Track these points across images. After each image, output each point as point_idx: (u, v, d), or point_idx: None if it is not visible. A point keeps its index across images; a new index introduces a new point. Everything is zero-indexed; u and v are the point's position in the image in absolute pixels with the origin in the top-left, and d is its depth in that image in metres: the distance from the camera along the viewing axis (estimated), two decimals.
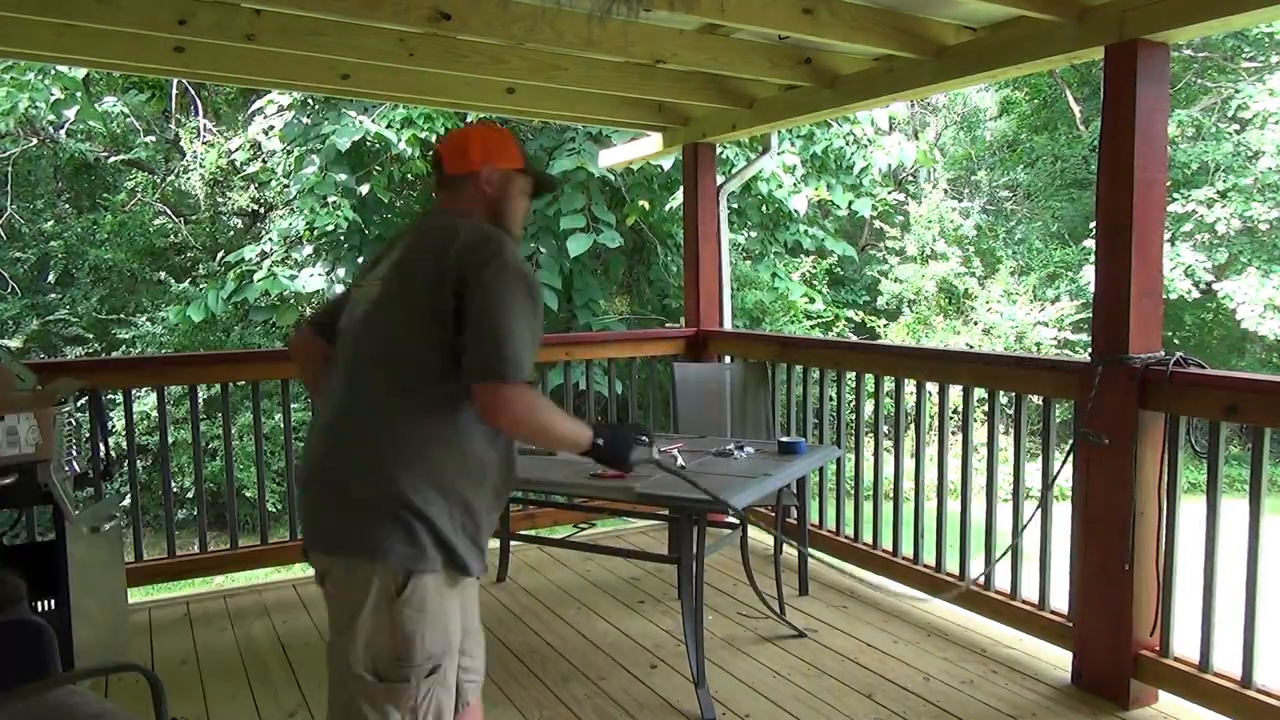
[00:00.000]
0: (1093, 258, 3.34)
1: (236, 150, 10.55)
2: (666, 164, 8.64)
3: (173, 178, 11.52)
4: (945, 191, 14.50)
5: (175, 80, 10.40)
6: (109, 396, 4.63)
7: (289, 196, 10.20)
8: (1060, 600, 3.15)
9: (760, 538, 4.45)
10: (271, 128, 9.71)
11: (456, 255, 1.77)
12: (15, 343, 10.24)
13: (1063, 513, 3.11)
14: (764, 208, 10.14)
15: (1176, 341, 12.98)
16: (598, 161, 7.86)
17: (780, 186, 9.48)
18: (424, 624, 1.72)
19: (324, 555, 1.80)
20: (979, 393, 3.59)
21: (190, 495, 8.46)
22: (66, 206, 11.92)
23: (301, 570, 4.51)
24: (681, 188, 6.30)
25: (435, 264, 1.78)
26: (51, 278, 11.28)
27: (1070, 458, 3.01)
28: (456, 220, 1.88)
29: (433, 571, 1.73)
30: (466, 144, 1.96)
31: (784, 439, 3.31)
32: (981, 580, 3.40)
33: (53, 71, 8.54)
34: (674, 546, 3.74)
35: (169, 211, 11.46)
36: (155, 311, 10.69)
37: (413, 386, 1.78)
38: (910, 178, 14.48)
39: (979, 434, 5.83)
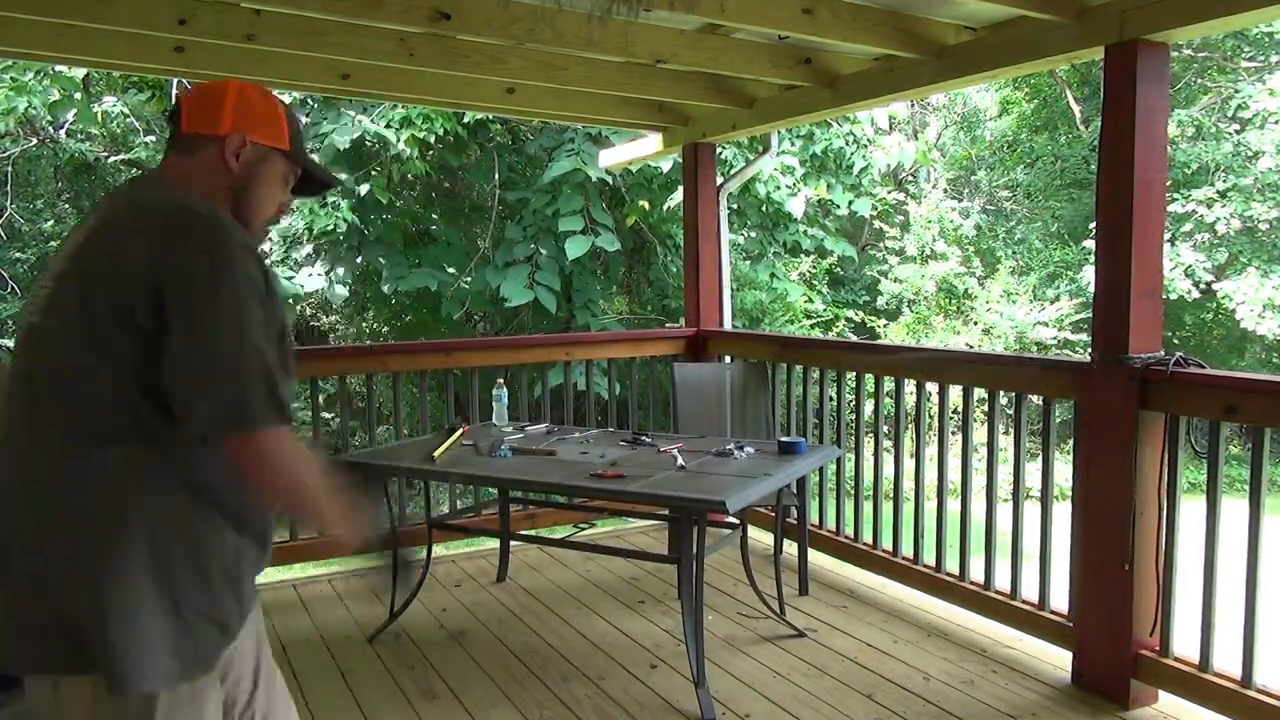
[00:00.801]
0: (1093, 258, 3.35)
1: None
2: (666, 166, 8.63)
3: None
4: (945, 191, 14.50)
5: (175, 80, 10.39)
6: None
7: None
8: (1060, 600, 3.15)
9: (760, 538, 4.45)
10: None
11: (155, 242, 1.33)
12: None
13: (1063, 513, 3.11)
14: (763, 208, 10.14)
15: (1176, 341, 12.99)
16: (597, 162, 7.86)
17: (779, 188, 9.48)
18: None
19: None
20: (979, 393, 3.59)
21: None
22: (66, 206, 11.91)
23: (301, 570, 4.52)
24: (681, 188, 6.30)
25: (121, 254, 1.34)
26: None
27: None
28: (162, 193, 1.44)
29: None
30: (220, 99, 1.49)
31: (784, 439, 3.31)
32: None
33: (51, 72, 8.53)
34: (674, 546, 3.74)
35: None
36: None
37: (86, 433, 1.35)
38: (910, 178, 14.48)
39: (979, 434, 5.84)
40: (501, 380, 4.03)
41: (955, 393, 4.03)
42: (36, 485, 1.36)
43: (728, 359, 4.77)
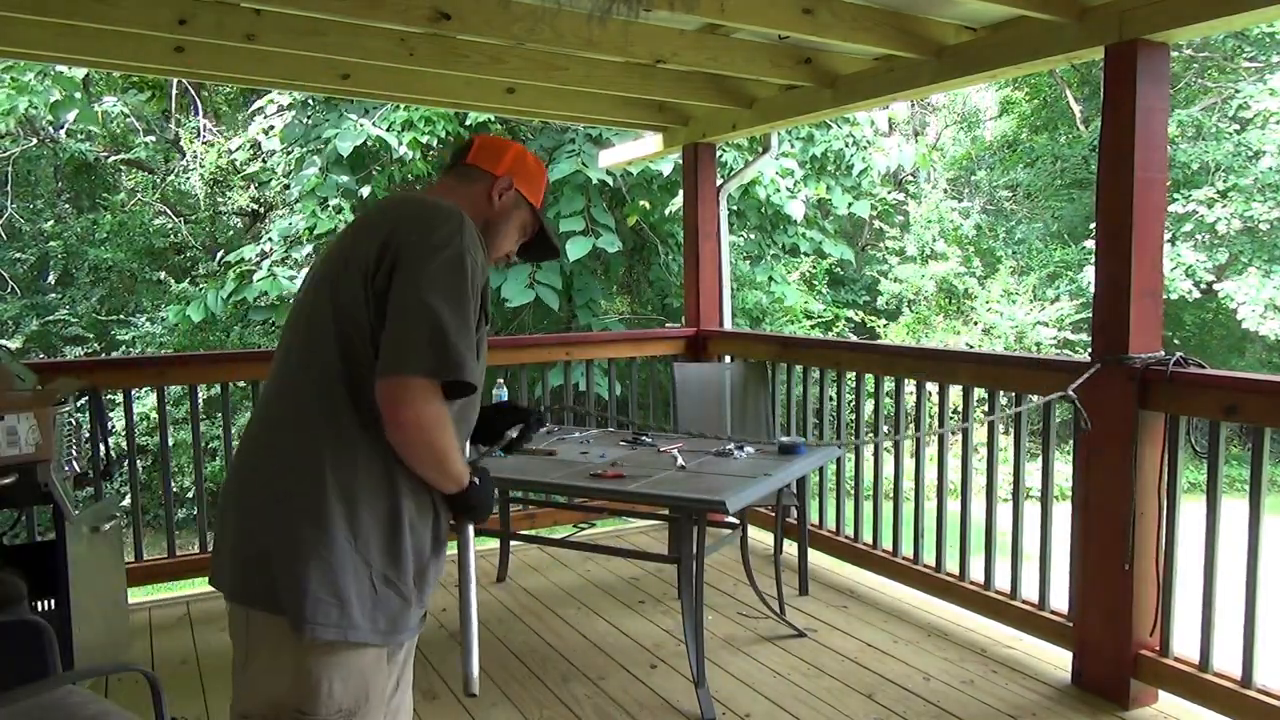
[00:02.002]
0: (1093, 258, 3.34)
1: (236, 150, 10.55)
2: (666, 168, 8.63)
3: (172, 178, 11.52)
4: (945, 191, 14.51)
5: (175, 80, 10.40)
6: (109, 396, 4.64)
7: (289, 197, 10.21)
8: (1060, 600, 3.15)
9: (760, 538, 4.45)
10: (271, 128, 9.71)
11: (398, 227, 1.52)
12: (15, 343, 10.24)
13: (1063, 513, 3.11)
14: (762, 210, 10.14)
15: (1176, 341, 12.98)
16: (598, 163, 7.86)
17: (778, 191, 9.49)
18: (334, 670, 1.49)
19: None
20: (979, 393, 3.59)
21: (190, 495, 8.47)
22: (66, 206, 11.91)
23: None
24: (681, 191, 6.30)
25: (375, 238, 1.53)
26: (51, 278, 11.28)
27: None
28: (425, 196, 1.66)
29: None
30: (506, 150, 1.77)
31: (784, 439, 3.31)
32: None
33: (52, 73, 8.54)
34: (674, 546, 3.74)
35: (169, 211, 11.46)
36: (155, 311, 10.70)
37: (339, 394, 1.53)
38: (910, 178, 14.48)
39: (979, 434, 5.84)
40: (501, 380, 4.03)
41: (955, 393, 4.03)
42: (278, 438, 1.55)
43: (728, 359, 4.78)
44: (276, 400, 1.59)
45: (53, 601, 2.87)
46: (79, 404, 3.16)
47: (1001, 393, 3.51)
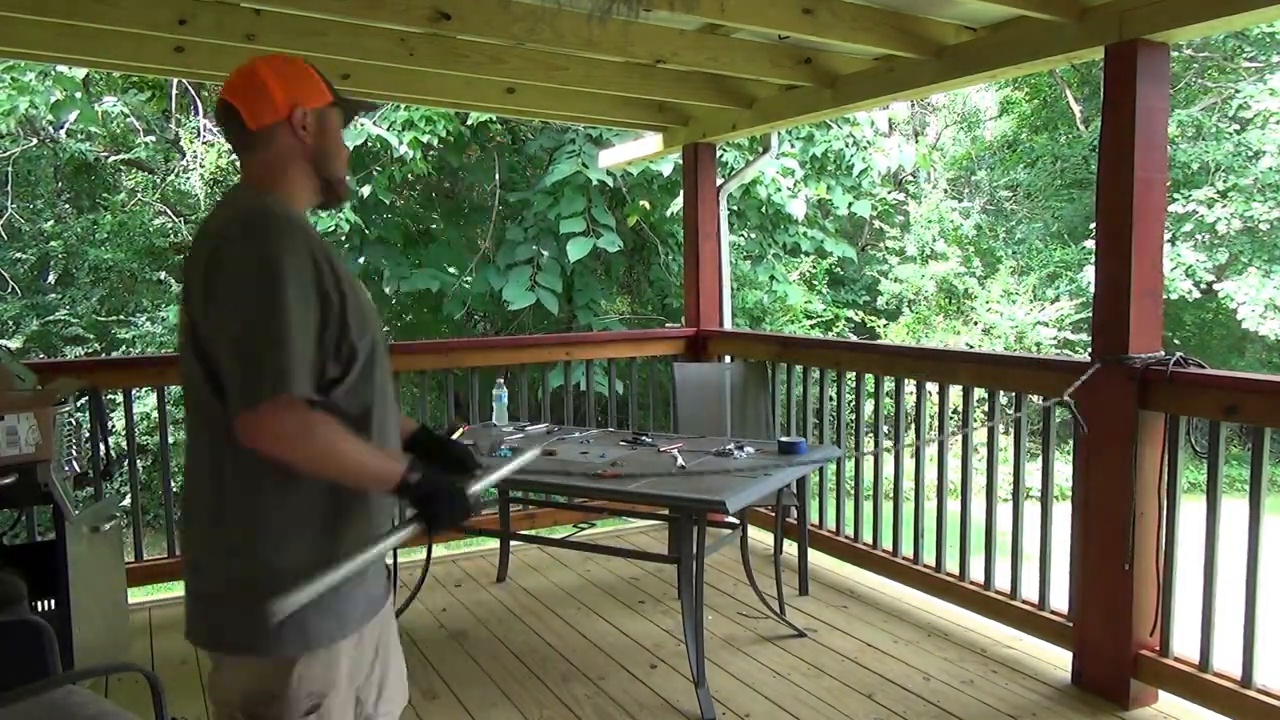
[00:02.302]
0: (1093, 258, 3.34)
1: None
2: (666, 169, 8.63)
3: (173, 178, 11.51)
4: (945, 191, 14.51)
5: (175, 80, 10.39)
6: (109, 396, 4.64)
7: None
8: (1060, 600, 3.15)
9: (760, 538, 4.45)
10: None
11: (206, 254, 1.45)
12: (15, 343, 10.23)
13: (1063, 513, 3.11)
14: (763, 209, 10.14)
15: (1177, 341, 12.98)
16: (598, 163, 7.86)
17: (779, 190, 9.48)
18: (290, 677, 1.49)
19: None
20: (979, 393, 3.59)
21: None
22: (66, 206, 11.90)
23: None
24: (681, 191, 6.30)
25: (198, 270, 1.46)
26: (51, 278, 11.27)
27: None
28: (230, 203, 1.56)
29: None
30: (262, 87, 1.54)
31: (784, 439, 3.31)
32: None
33: (53, 73, 8.54)
34: (674, 546, 3.74)
35: (169, 211, 11.45)
36: (155, 311, 10.69)
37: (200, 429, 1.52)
38: (910, 178, 14.48)
39: (979, 434, 5.84)
40: (501, 380, 4.03)
41: (955, 393, 4.03)
42: (190, 472, 1.56)
43: (728, 359, 4.77)
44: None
45: (53, 601, 2.88)
46: (79, 404, 3.16)
47: (1002, 393, 3.51)
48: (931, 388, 3.79)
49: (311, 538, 1.51)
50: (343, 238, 9.39)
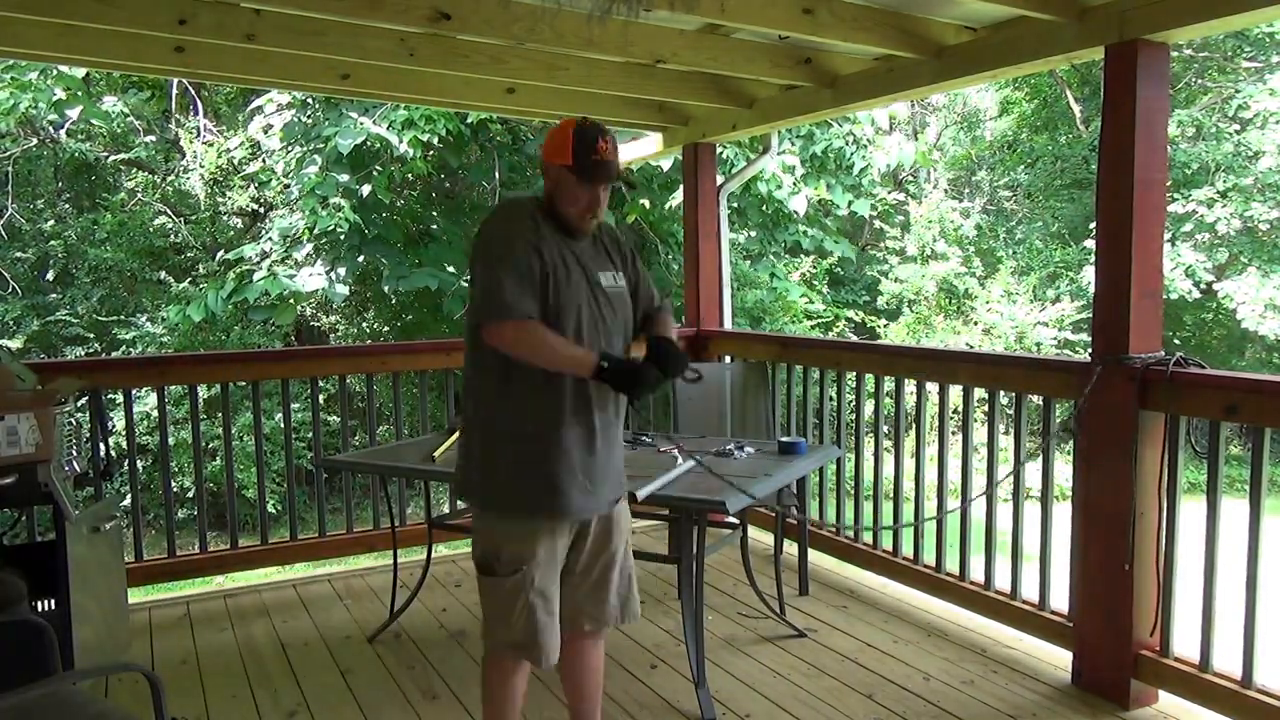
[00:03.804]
0: (1093, 258, 3.35)
1: (236, 150, 10.55)
2: (666, 164, 8.63)
3: (173, 178, 11.51)
4: (945, 191, 14.52)
5: (175, 80, 10.40)
6: (109, 396, 4.64)
7: (289, 196, 10.20)
8: (1060, 600, 3.15)
9: (760, 538, 4.45)
10: (270, 126, 9.71)
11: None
12: (15, 343, 10.22)
13: (1063, 513, 3.11)
14: (764, 208, 10.14)
15: (1177, 341, 12.99)
16: None
17: (780, 187, 9.48)
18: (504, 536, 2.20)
19: None
20: (979, 393, 3.59)
21: (190, 495, 8.46)
22: (66, 206, 11.90)
23: (302, 570, 4.51)
24: (681, 187, 6.30)
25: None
26: (51, 278, 11.27)
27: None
28: (507, 198, 2.30)
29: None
30: (549, 140, 2.24)
31: (784, 439, 3.31)
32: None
33: (55, 71, 8.54)
34: (674, 546, 3.74)
35: (169, 211, 11.44)
36: (155, 311, 10.68)
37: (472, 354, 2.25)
38: (910, 178, 14.48)
39: (979, 434, 5.83)
40: None
41: (955, 393, 4.04)
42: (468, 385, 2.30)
43: (728, 359, 4.77)
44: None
45: (53, 601, 2.88)
46: (79, 404, 3.16)
47: (1002, 393, 3.51)
48: (931, 388, 3.79)
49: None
50: (342, 236, 9.39)
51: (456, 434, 3.54)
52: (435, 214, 10.87)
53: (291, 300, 9.64)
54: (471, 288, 2.18)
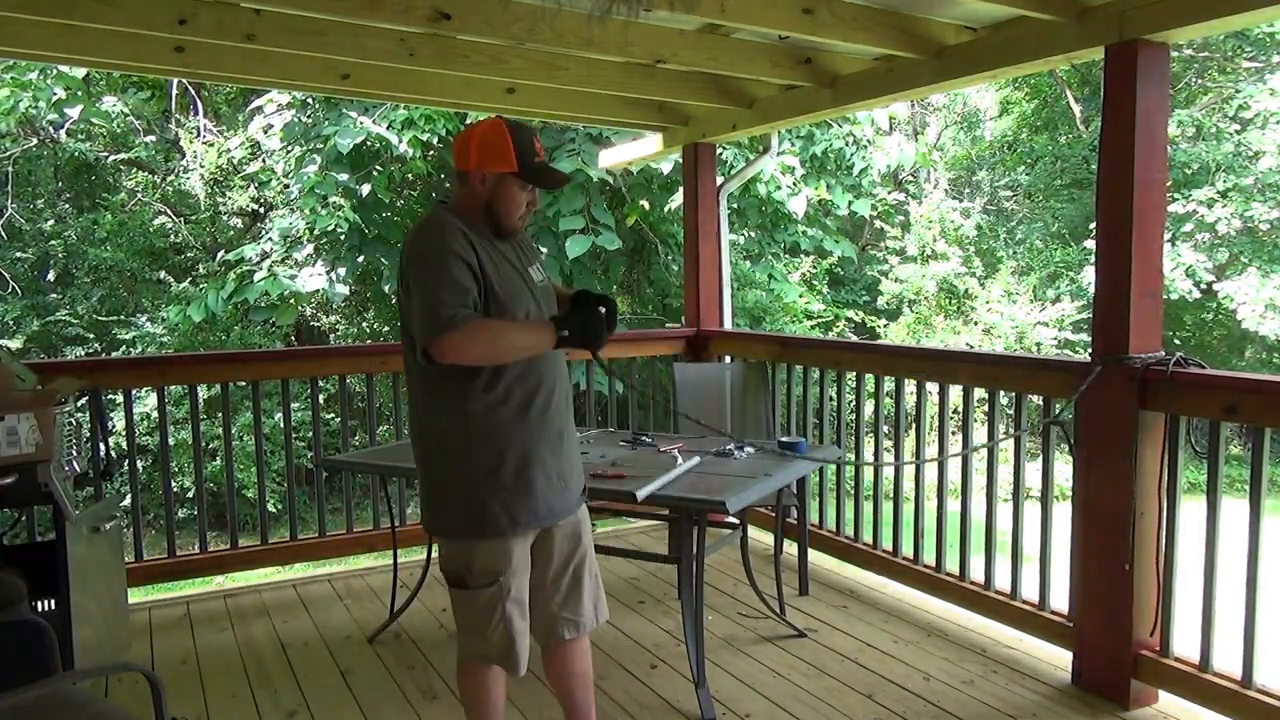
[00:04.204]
0: (1093, 258, 3.35)
1: (236, 150, 10.55)
2: (666, 167, 8.63)
3: (173, 178, 11.51)
4: (946, 191, 14.51)
5: (175, 80, 10.40)
6: (109, 396, 4.63)
7: (290, 196, 10.20)
8: (1060, 600, 3.15)
9: (760, 538, 4.45)
10: (270, 126, 9.71)
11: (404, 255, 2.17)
12: (15, 343, 10.23)
13: (1063, 513, 3.11)
14: (763, 208, 10.14)
15: (1177, 341, 12.99)
16: (597, 162, 7.86)
17: (779, 188, 9.48)
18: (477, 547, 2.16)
19: None
20: (979, 393, 3.59)
21: (190, 495, 8.46)
22: (66, 206, 11.90)
23: (302, 570, 4.51)
24: (681, 188, 6.30)
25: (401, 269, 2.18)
26: (51, 278, 11.27)
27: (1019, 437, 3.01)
28: (424, 216, 2.20)
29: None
30: (467, 145, 2.15)
31: (784, 439, 3.31)
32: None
33: (55, 71, 8.54)
34: (674, 546, 3.74)
35: (169, 211, 11.45)
36: (155, 311, 10.69)
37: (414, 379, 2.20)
38: (910, 178, 14.48)
39: (979, 434, 5.84)
40: None
41: (955, 393, 4.03)
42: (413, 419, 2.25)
43: (728, 359, 4.77)
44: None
45: (53, 601, 2.87)
46: (79, 404, 3.16)
47: (1002, 393, 3.51)
48: (931, 388, 3.79)
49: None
50: (342, 236, 9.40)
51: None
52: None
53: (292, 300, 9.64)
54: (407, 316, 2.12)
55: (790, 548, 4.03)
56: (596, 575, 2.39)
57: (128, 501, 4.23)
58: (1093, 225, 3.19)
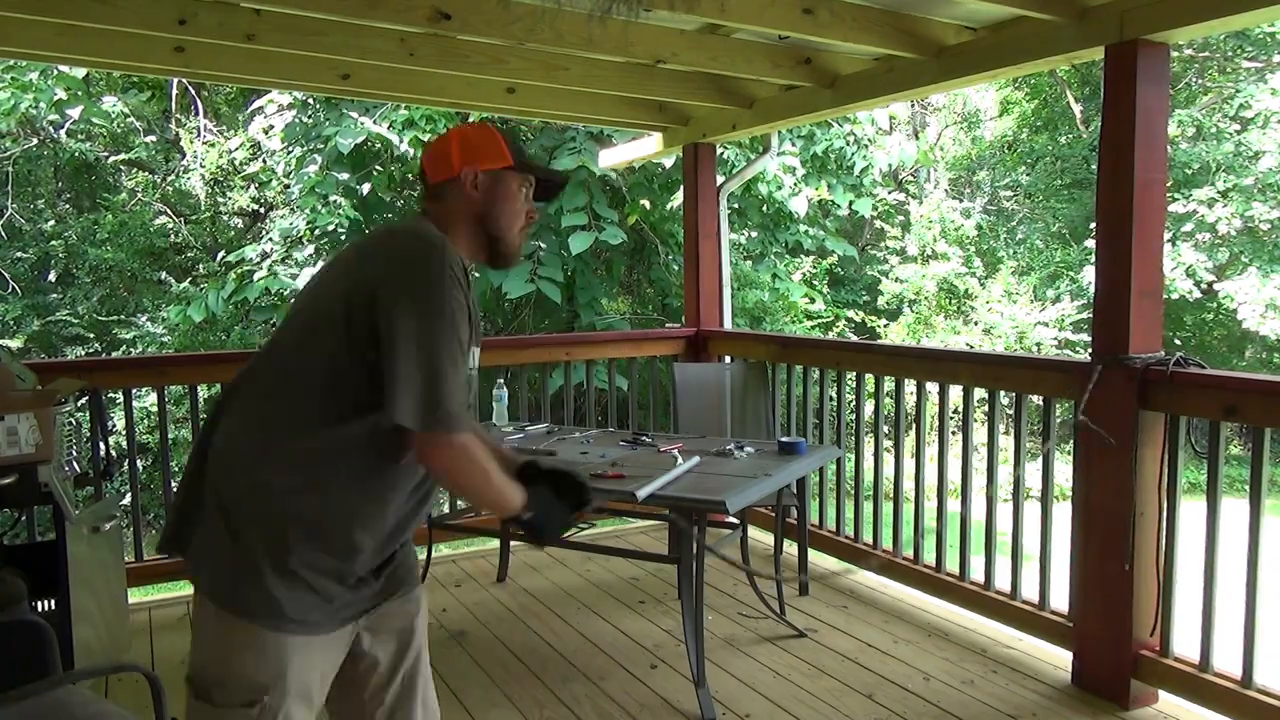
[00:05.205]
0: (1093, 258, 3.35)
1: (236, 150, 10.55)
2: (668, 162, 8.64)
3: (173, 178, 11.52)
4: (946, 191, 14.51)
5: (175, 80, 10.40)
6: (109, 396, 4.63)
7: (290, 196, 10.21)
8: (1060, 600, 3.15)
9: (760, 538, 4.45)
10: (271, 127, 9.72)
11: (383, 267, 1.55)
12: (15, 343, 10.23)
13: (1063, 513, 3.11)
14: (764, 208, 10.13)
15: (1177, 341, 12.98)
16: (598, 161, 7.87)
17: (780, 187, 9.48)
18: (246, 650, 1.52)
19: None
20: (979, 393, 3.59)
21: None
22: (67, 206, 11.91)
23: None
24: (681, 187, 6.30)
25: (354, 274, 1.59)
26: (52, 278, 11.28)
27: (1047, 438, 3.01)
28: (412, 223, 1.69)
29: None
30: (446, 148, 1.73)
31: (784, 439, 3.31)
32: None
33: (55, 71, 8.54)
34: (674, 546, 3.74)
35: (169, 211, 11.46)
36: (155, 311, 10.69)
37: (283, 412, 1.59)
38: (911, 178, 14.48)
39: (979, 434, 5.84)
40: (501, 380, 4.03)
41: (955, 393, 4.03)
42: (238, 444, 1.59)
43: (728, 359, 4.77)
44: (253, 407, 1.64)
45: (53, 601, 2.88)
46: (79, 404, 3.16)
47: (1002, 393, 3.51)
48: (931, 388, 3.79)
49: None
50: (343, 236, 9.40)
51: None
52: None
53: (292, 300, 9.65)
54: (347, 320, 1.54)
55: (790, 548, 4.03)
56: (429, 676, 1.82)
57: (128, 501, 4.23)
58: (1093, 225, 3.19)
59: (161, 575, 4.09)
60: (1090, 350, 2.95)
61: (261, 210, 11.27)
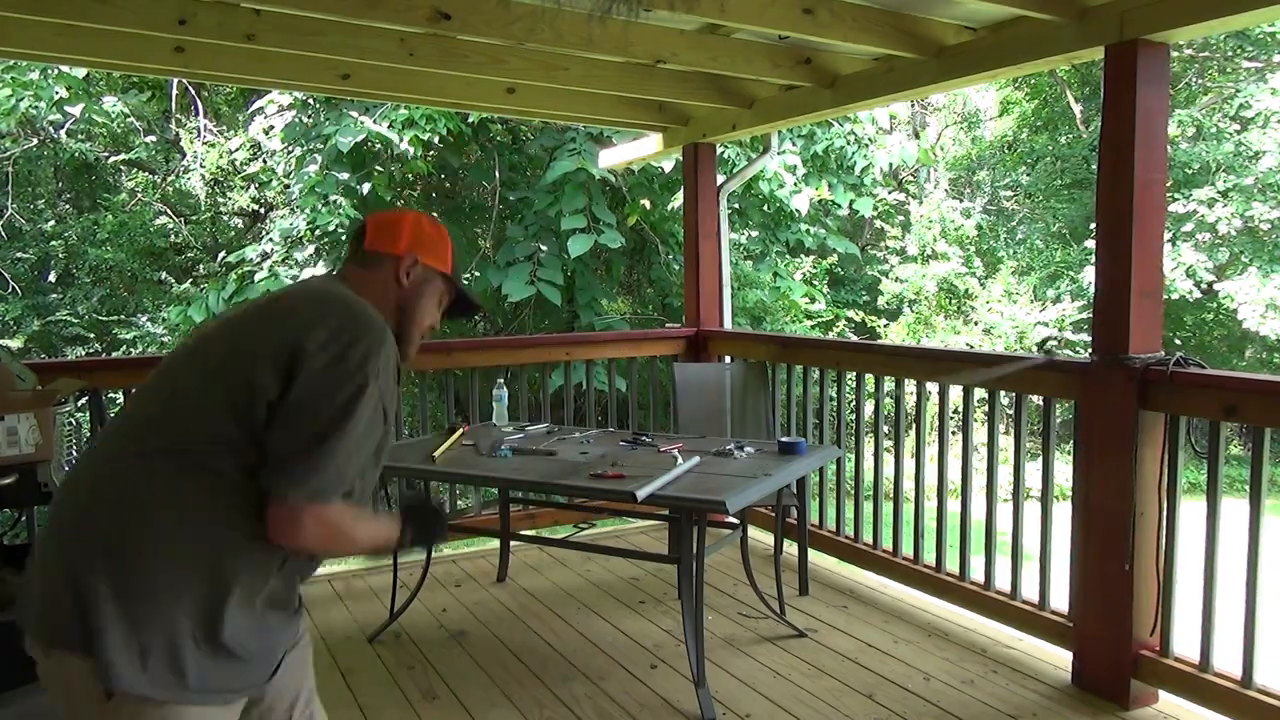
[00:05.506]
0: (1093, 258, 3.35)
1: (237, 150, 10.56)
2: (668, 165, 8.64)
3: (173, 178, 11.52)
4: (946, 191, 14.51)
5: (175, 80, 10.40)
6: (109, 396, 4.63)
7: (290, 196, 10.21)
8: (1060, 600, 3.15)
9: (760, 538, 4.45)
10: (271, 127, 9.72)
11: (305, 328, 1.46)
12: (15, 343, 10.23)
13: (1063, 513, 3.11)
14: (765, 207, 10.13)
15: (1177, 341, 12.99)
16: (598, 162, 7.87)
17: (781, 186, 9.48)
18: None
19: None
20: (979, 393, 3.59)
21: None
22: (67, 206, 11.92)
23: None
24: (682, 188, 6.30)
25: (276, 332, 1.48)
26: (52, 278, 11.28)
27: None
28: (335, 289, 1.60)
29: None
30: (399, 224, 1.72)
31: (784, 439, 3.31)
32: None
33: (55, 71, 8.55)
34: (674, 546, 3.74)
35: (169, 211, 11.46)
36: (156, 311, 10.70)
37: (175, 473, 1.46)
38: (911, 177, 14.48)
39: (979, 434, 5.83)
40: (501, 380, 4.03)
41: (955, 393, 4.03)
42: (123, 486, 1.46)
43: (728, 359, 4.77)
44: (131, 448, 1.50)
45: None
46: (79, 404, 3.16)
47: (1002, 393, 3.51)
48: (931, 388, 3.79)
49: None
50: (343, 236, 9.40)
51: (458, 433, 3.56)
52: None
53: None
54: (285, 404, 1.43)
55: (790, 548, 4.03)
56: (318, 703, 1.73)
57: None
58: (1093, 225, 3.19)
59: None
60: (1090, 350, 2.95)
61: (262, 210, 11.27)
